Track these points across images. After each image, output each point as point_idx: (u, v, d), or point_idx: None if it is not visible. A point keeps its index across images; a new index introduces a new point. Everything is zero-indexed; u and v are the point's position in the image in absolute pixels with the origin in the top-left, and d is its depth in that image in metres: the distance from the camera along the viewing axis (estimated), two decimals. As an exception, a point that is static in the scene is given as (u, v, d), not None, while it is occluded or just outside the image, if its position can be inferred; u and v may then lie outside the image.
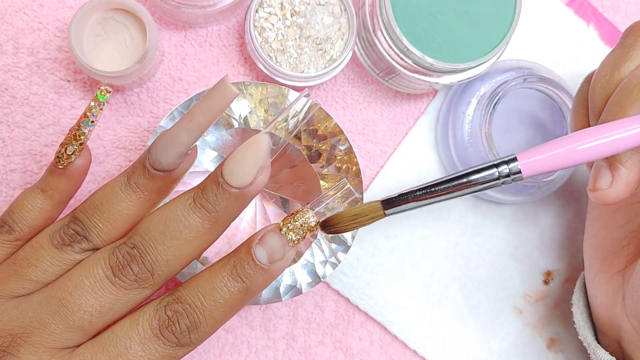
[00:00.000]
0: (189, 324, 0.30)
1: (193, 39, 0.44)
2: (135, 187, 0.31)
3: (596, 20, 0.48)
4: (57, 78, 0.43)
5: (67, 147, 0.32)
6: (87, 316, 0.30)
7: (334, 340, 0.45)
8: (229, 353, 0.45)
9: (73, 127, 0.33)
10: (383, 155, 0.46)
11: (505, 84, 0.42)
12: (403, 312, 0.46)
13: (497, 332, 0.47)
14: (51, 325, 0.30)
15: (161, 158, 0.31)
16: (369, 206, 0.31)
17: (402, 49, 0.40)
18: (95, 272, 0.30)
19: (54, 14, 0.43)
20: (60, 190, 0.33)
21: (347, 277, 0.45)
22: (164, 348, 0.30)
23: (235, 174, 0.30)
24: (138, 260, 0.30)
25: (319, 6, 0.42)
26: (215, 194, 0.30)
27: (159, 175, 0.31)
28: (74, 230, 0.31)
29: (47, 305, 0.30)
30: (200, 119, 0.30)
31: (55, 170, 0.33)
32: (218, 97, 0.30)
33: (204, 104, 0.30)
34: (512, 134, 0.46)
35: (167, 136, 0.31)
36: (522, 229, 0.47)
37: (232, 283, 0.30)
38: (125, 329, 0.30)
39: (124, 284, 0.30)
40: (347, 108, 0.46)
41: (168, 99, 0.44)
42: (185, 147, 0.31)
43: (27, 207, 0.33)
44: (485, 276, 0.47)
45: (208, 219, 0.30)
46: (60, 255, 0.31)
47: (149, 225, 0.31)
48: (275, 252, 0.31)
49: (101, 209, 0.31)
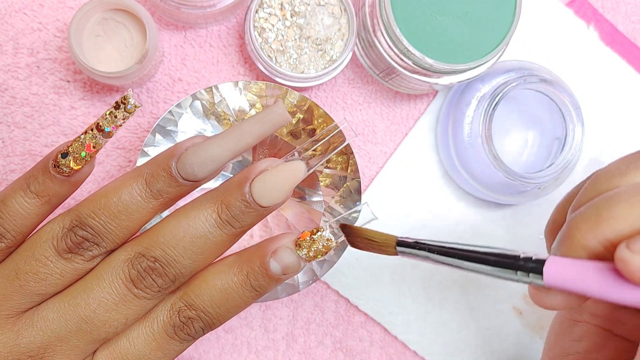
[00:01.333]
0: (203, 326, 0.31)
1: (193, 39, 0.44)
2: (158, 195, 0.30)
3: (596, 21, 0.48)
4: (57, 78, 0.43)
5: (75, 158, 0.30)
6: (113, 329, 0.30)
7: (334, 340, 0.45)
8: (229, 353, 0.45)
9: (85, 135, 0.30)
10: (383, 156, 0.46)
11: (505, 84, 0.42)
12: (403, 313, 0.46)
13: (497, 332, 0.47)
14: (73, 341, 0.30)
15: (198, 171, 0.30)
16: (385, 237, 0.31)
17: (402, 49, 0.40)
18: (117, 287, 0.30)
19: (54, 14, 0.43)
20: (60, 196, 0.31)
21: (346, 277, 0.45)
22: (180, 346, 0.31)
23: (269, 196, 0.30)
24: (161, 273, 0.30)
25: (319, 7, 0.42)
26: (242, 212, 0.30)
27: (187, 185, 0.30)
28: (82, 237, 0.30)
29: (67, 323, 0.30)
30: (249, 141, 0.30)
31: (56, 177, 0.30)
32: (272, 123, 0.30)
33: (256, 127, 0.29)
34: (512, 134, 0.46)
35: (209, 152, 0.29)
36: (522, 229, 0.47)
37: (244, 292, 0.31)
38: (143, 338, 0.31)
39: (147, 296, 0.30)
40: (347, 108, 0.46)
41: (168, 99, 0.44)
42: (225, 164, 0.30)
43: (21, 214, 0.30)
44: (485, 277, 0.47)
45: (234, 234, 0.30)
46: (70, 266, 0.30)
47: (171, 240, 0.30)
48: (289, 268, 0.31)
49: (119, 217, 0.30)
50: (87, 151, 0.30)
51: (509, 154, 0.46)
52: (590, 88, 0.47)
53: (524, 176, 0.42)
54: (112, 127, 0.30)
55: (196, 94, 0.39)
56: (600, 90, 0.47)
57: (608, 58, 0.48)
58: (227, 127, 0.40)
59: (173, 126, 0.40)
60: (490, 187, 0.44)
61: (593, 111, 0.47)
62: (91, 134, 0.30)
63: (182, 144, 0.30)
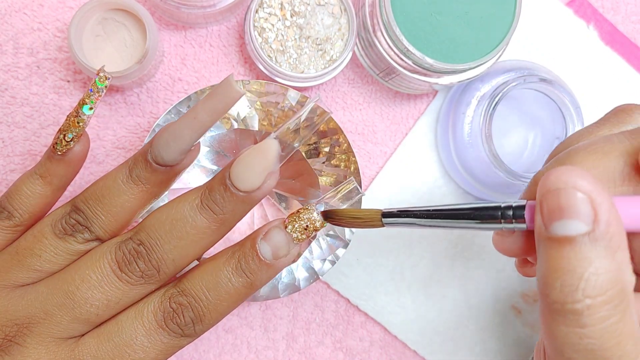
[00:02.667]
0: (193, 317, 0.31)
1: (193, 39, 0.44)
2: (137, 180, 0.31)
3: (596, 21, 0.48)
4: (57, 78, 0.43)
5: (65, 134, 0.32)
6: (94, 309, 0.31)
7: (334, 340, 0.46)
8: (229, 353, 0.45)
9: (71, 113, 0.32)
10: (383, 156, 0.46)
11: (505, 84, 0.42)
12: (403, 312, 0.46)
13: (496, 332, 0.47)
14: (57, 316, 0.30)
15: (163, 153, 0.31)
16: (370, 212, 0.31)
17: (402, 49, 0.40)
18: (102, 267, 0.31)
19: (54, 14, 0.43)
20: (59, 176, 0.33)
21: (346, 277, 0.45)
22: (169, 339, 0.31)
23: (244, 178, 0.30)
24: (144, 257, 0.30)
25: (318, 6, 0.42)
26: (222, 197, 0.30)
27: (161, 169, 0.31)
28: (75, 220, 0.31)
29: (53, 297, 0.31)
30: (203, 117, 0.30)
31: (54, 156, 0.33)
32: (222, 96, 0.30)
33: (208, 102, 0.30)
34: (511, 134, 0.46)
35: (170, 132, 0.31)
36: (522, 229, 0.47)
37: (236, 278, 0.31)
38: (131, 321, 0.31)
39: (130, 280, 0.31)
40: (347, 108, 0.46)
41: (168, 99, 0.44)
42: (188, 144, 0.31)
43: (26, 193, 0.33)
44: (485, 276, 0.47)
45: (214, 221, 0.30)
46: (64, 246, 0.31)
47: (155, 223, 0.31)
48: (279, 249, 0.31)
49: (103, 201, 0.31)
50: (72, 127, 0.32)
51: (509, 153, 0.46)
52: (590, 88, 0.47)
53: (524, 176, 0.42)
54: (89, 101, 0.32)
55: (196, 94, 0.39)
56: (600, 90, 0.47)
57: (608, 58, 0.48)
58: (227, 126, 0.40)
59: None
60: (490, 187, 0.44)
61: (593, 111, 0.47)
62: (74, 111, 0.32)
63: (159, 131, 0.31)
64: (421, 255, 0.46)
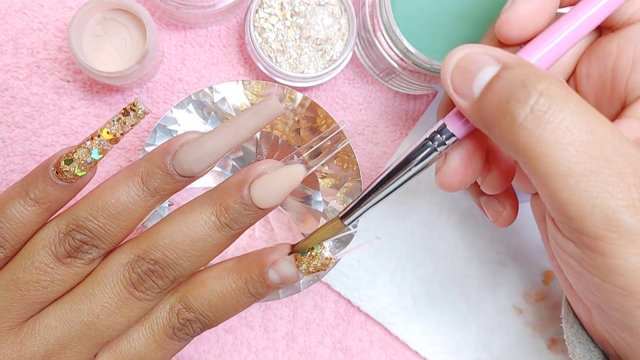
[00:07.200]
0: (201, 327, 0.32)
1: (193, 39, 0.44)
2: (155, 193, 0.30)
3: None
4: (57, 78, 0.43)
5: (80, 164, 0.29)
6: (116, 333, 0.31)
7: (333, 340, 0.45)
8: (229, 353, 0.45)
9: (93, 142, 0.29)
10: (383, 156, 0.46)
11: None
12: (404, 313, 0.46)
13: (498, 332, 0.47)
14: (77, 347, 0.30)
15: (195, 167, 0.29)
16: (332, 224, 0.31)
17: (402, 49, 0.40)
18: (119, 291, 0.30)
19: (54, 14, 0.43)
20: (60, 202, 0.30)
21: (348, 278, 0.45)
22: (179, 344, 0.32)
23: (267, 200, 0.30)
24: (161, 275, 0.30)
25: (319, 7, 0.42)
26: (241, 215, 0.30)
27: (184, 181, 0.30)
28: (81, 240, 0.29)
29: (70, 330, 0.30)
30: (244, 134, 0.30)
31: (58, 183, 0.29)
32: (267, 116, 0.30)
33: (251, 120, 0.29)
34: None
35: (207, 148, 0.29)
36: (522, 229, 0.47)
37: (242, 297, 0.32)
38: (144, 339, 0.31)
39: (148, 297, 0.31)
40: (347, 108, 0.46)
41: (168, 99, 0.44)
42: (221, 158, 0.30)
43: (20, 222, 0.29)
44: (486, 277, 0.47)
45: (232, 235, 0.31)
46: (71, 271, 0.30)
47: (170, 244, 0.30)
48: (287, 280, 0.32)
49: (119, 218, 0.29)
50: (92, 158, 0.29)
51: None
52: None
53: (524, 176, 0.42)
54: (120, 133, 0.30)
55: (196, 94, 0.39)
56: (600, 90, 0.47)
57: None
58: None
59: (173, 126, 0.40)
60: (491, 187, 0.44)
61: (593, 111, 0.47)
62: (97, 140, 0.29)
63: (177, 141, 0.30)
64: (422, 256, 0.46)
